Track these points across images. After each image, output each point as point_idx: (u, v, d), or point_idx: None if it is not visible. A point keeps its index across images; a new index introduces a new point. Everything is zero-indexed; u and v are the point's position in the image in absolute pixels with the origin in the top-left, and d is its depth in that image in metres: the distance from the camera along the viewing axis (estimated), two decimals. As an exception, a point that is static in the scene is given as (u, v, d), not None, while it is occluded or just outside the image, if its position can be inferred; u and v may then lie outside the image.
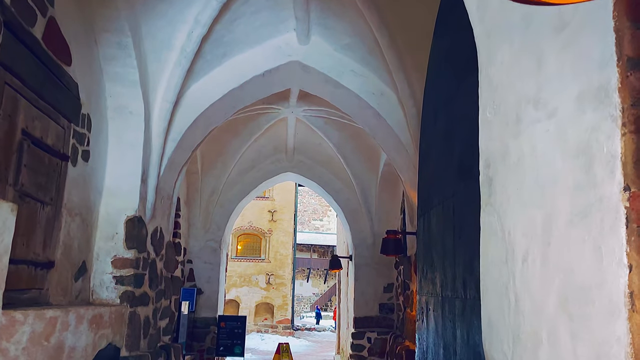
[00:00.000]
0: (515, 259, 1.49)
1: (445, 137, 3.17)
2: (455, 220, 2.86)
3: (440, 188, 3.23)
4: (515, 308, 1.47)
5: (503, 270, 1.57)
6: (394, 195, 8.12)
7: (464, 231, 2.70)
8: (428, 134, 3.71)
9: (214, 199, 8.17)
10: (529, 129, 1.44)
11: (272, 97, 6.82)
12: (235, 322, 7.65)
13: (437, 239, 3.27)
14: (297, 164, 8.64)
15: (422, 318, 3.73)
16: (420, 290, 3.78)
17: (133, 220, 4.26)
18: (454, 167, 2.94)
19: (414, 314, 5.38)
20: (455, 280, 2.81)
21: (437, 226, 3.30)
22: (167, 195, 5.16)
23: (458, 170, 2.85)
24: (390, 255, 5.45)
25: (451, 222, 2.93)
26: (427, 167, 3.76)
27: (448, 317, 2.94)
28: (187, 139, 5.07)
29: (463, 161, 2.77)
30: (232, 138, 7.74)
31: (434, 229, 3.38)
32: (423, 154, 3.88)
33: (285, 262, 23.06)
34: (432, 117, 3.58)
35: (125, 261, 4.17)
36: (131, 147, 4.32)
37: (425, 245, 3.68)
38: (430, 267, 3.44)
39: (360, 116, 5.50)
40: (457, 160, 2.89)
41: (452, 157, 3.00)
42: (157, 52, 4.34)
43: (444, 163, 3.18)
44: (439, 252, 3.22)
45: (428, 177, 3.69)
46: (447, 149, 3.11)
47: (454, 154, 2.94)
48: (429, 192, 3.61)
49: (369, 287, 8.25)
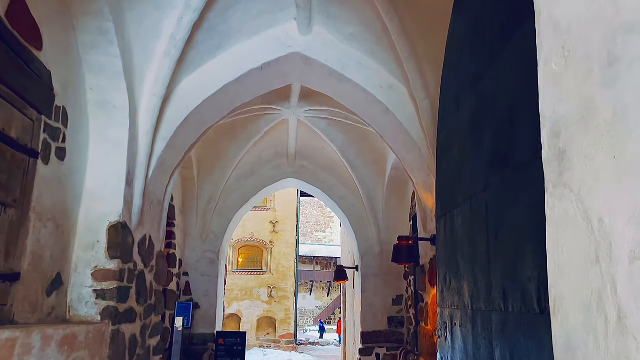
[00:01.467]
0: (615, 256, 1.05)
1: (472, 123, 2.73)
2: (489, 219, 2.41)
3: (467, 184, 2.78)
4: (617, 327, 1.03)
5: (592, 273, 1.12)
6: (403, 200, 7.66)
7: (502, 230, 2.24)
8: (448, 124, 3.27)
9: (211, 207, 7.72)
10: (634, 68, 1.01)
11: (272, 97, 6.41)
12: (235, 339, 7.14)
13: (464, 242, 2.81)
14: (299, 170, 8.19)
15: (444, 334, 3.25)
16: (442, 303, 3.31)
17: (117, 226, 3.81)
18: (484, 157, 2.49)
19: (429, 328, 4.89)
20: (490, 290, 2.34)
21: (463, 227, 2.85)
22: (157, 200, 4.71)
23: (491, 159, 2.40)
24: (403, 263, 4.98)
25: (483, 220, 2.47)
26: (447, 162, 3.31)
27: (482, 335, 2.47)
28: (178, 138, 4.64)
29: (498, 148, 2.32)
30: (230, 142, 7.31)
31: (459, 231, 2.92)
32: (442, 148, 3.43)
33: (288, 274, 22.52)
34: (453, 104, 3.14)
35: (107, 273, 3.71)
36: (115, 145, 3.88)
37: (447, 251, 3.22)
38: (455, 275, 2.98)
39: (366, 113, 5.06)
40: (489, 149, 2.44)
41: (481, 146, 2.55)
42: (144, 41, 3.92)
43: (471, 154, 2.74)
44: (466, 258, 2.76)
45: (449, 174, 3.24)
46: (475, 137, 2.67)
47: (484, 142, 2.50)
48: (451, 190, 3.16)
49: (376, 299, 7.76)
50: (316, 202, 44.21)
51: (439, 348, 3.31)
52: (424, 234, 5.04)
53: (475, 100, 2.67)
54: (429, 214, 4.91)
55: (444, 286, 3.23)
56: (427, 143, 4.55)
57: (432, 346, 4.77)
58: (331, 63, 4.74)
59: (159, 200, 4.78)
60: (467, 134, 2.81)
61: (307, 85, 5.27)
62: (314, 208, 44.90)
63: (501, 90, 2.28)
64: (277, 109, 6.64)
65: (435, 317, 4.65)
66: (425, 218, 5.08)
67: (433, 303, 4.71)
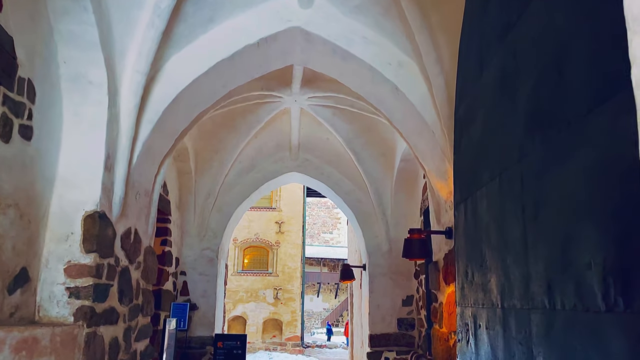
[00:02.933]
0: None
1: (501, 85, 2.27)
2: (524, 196, 1.95)
3: (494, 159, 2.32)
4: None
5: None
6: (412, 194, 7.20)
7: (544, 206, 1.79)
8: (469, 94, 2.82)
9: (210, 202, 7.30)
10: None
11: (272, 83, 5.99)
12: (234, 342, 6.71)
13: (490, 228, 2.36)
14: (303, 163, 7.76)
15: (466, 338, 2.80)
16: (463, 301, 2.86)
17: (93, 216, 3.39)
18: (518, 121, 2.04)
19: (443, 330, 4.43)
20: (528, 284, 1.89)
21: (489, 211, 2.39)
22: (144, 191, 4.30)
23: (528, 122, 1.95)
24: (414, 259, 4.52)
25: (517, 199, 2.02)
26: (468, 139, 2.86)
27: (516, 339, 2.01)
28: (167, 122, 4.22)
29: (538, 106, 1.87)
30: (229, 133, 6.90)
31: (484, 216, 2.47)
32: (461, 125, 2.98)
33: (294, 275, 22.07)
34: (475, 69, 2.68)
35: (82, 268, 3.29)
36: (92, 125, 3.46)
37: (468, 241, 2.77)
38: (480, 268, 2.53)
39: (374, 94, 4.62)
40: (525, 111, 1.99)
41: (514, 109, 2.09)
42: (124, 10, 3.51)
43: (500, 123, 2.28)
44: (493, 246, 2.30)
45: (470, 152, 2.79)
46: (505, 101, 2.21)
47: (519, 104, 2.04)
48: (472, 170, 2.71)
49: (385, 299, 7.29)
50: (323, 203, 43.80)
51: (459, 353, 2.86)
52: (438, 227, 4.59)
53: (504, 56, 2.22)
54: (443, 205, 4.46)
55: (464, 282, 2.77)
56: (441, 125, 4.09)
57: (447, 350, 4.30)
58: (334, 38, 4.30)
59: (147, 191, 4.36)
60: (495, 100, 2.36)
61: (309, 65, 4.83)
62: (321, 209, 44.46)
63: (544, 34, 1.83)
64: (278, 97, 6.21)
65: (451, 318, 4.19)
66: (438, 210, 4.63)
67: (448, 303, 4.25)
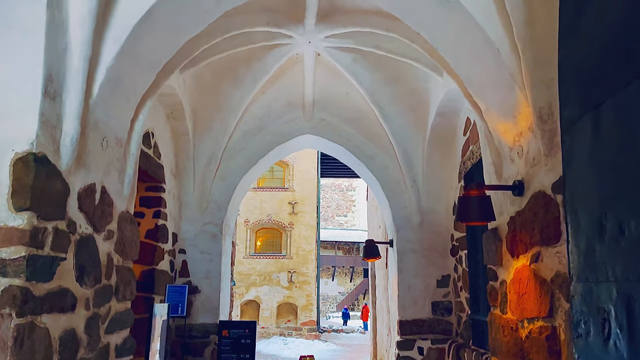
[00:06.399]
0: None
1: None
2: None
3: None
4: None
5: None
6: (449, 156, 6.10)
7: None
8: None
9: (211, 169, 6.28)
10: None
11: (280, 17, 4.90)
12: (242, 330, 5.74)
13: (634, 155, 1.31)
14: (318, 124, 6.67)
15: (592, 330, 1.74)
16: (581, 274, 1.80)
17: (26, 160, 2.38)
18: None
19: (509, 317, 3.37)
20: None
21: None
22: (115, 138, 3.28)
23: None
24: (474, 222, 3.44)
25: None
26: (589, 24, 1.78)
27: None
28: (142, 46, 3.17)
29: None
30: (232, 87, 5.85)
31: (626, 136, 1.42)
32: (570, 18, 1.90)
33: (309, 258, 21.15)
34: None
35: (10, 232, 2.29)
36: (24, 33, 2.44)
37: (588, 179, 1.72)
38: (615, 221, 1.49)
39: (413, 10, 3.51)
40: None
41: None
42: None
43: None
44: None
45: (594, 45, 1.71)
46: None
47: None
48: (597, 73, 1.64)
49: (416, 280, 6.25)
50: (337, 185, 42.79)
51: (581, 355, 1.80)
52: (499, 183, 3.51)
53: None
54: (507, 154, 3.37)
55: (594, 242, 1.71)
56: (508, 39, 2.97)
57: (515, 343, 3.26)
58: None
59: (119, 139, 3.34)
60: None
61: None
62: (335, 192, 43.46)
63: None
64: (288, 36, 5.12)
65: (522, 301, 3.13)
66: (499, 162, 3.54)
67: (517, 280, 3.20)
